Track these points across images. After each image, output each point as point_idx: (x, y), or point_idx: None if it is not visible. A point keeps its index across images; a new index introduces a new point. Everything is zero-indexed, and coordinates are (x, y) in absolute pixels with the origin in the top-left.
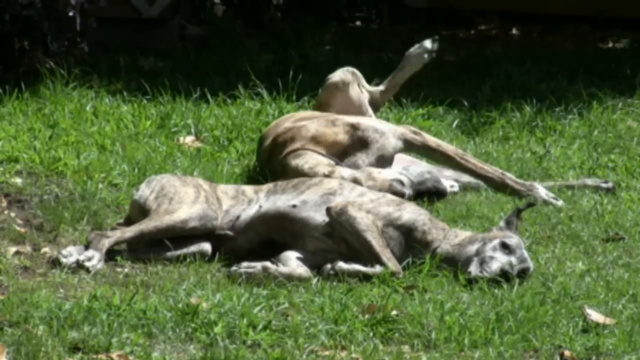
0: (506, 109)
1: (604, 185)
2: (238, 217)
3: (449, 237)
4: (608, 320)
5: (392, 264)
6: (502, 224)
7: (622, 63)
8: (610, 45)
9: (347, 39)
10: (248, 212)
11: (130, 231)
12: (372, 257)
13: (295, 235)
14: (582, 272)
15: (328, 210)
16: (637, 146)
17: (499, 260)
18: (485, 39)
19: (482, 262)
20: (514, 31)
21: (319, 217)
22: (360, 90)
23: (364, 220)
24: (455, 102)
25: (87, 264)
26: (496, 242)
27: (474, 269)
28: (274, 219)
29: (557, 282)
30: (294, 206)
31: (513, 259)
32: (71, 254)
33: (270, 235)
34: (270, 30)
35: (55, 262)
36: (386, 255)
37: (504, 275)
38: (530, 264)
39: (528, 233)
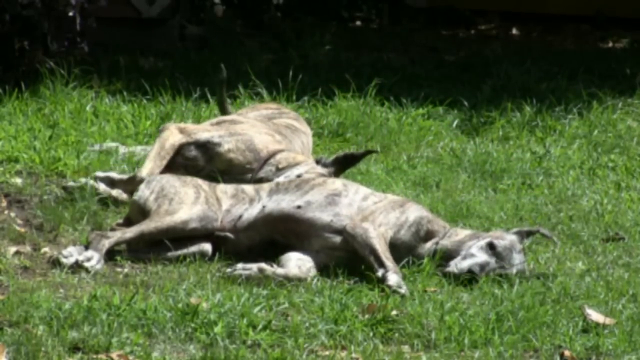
0: (506, 108)
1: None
2: (240, 217)
3: (449, 234)
4: (608, 320)
5: (392, 264)
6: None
7: (622, 63)
8: (610, 45)
9: (347, 39)
10: (251, 212)
11: (130, 232)
12: (374, 259)
13: (300, 235)
14: (582, 272)
15: (344, 228)
16: (637, 146)
17: (474, 259)
18: (485, 38)
19: (463, 258)
20: (514, 31)
21: (325, 217)
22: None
23: (375, 231)
24: (455, 102)
25: (86, 264)
26: (485, 241)
27: (452, 263)
28: (279, 221)
29: (557, 282)
30: (299, 207)
31: (492, 261)
32: (71, 254)
33: (273, 236)
34: (270, 30)
35: (55, 262)
36: (387, 255)
37: (473, 273)
38: (514, 269)
39: None
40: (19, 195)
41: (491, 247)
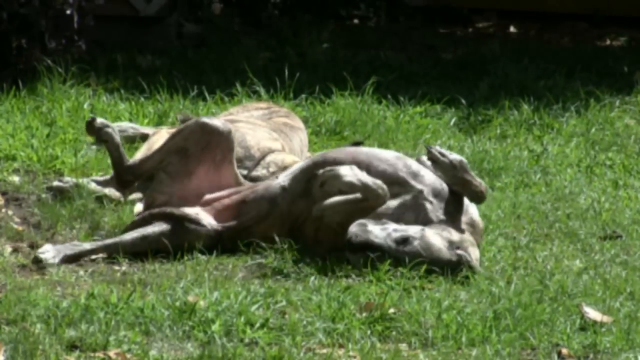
0: (504, 107)
1: None
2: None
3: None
4: (605, 318)
5: None
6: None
7: (620, 61)
8: (608, 43)
9: (344, 37)
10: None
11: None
12: None
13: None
14: (580, 270)
15: None
16: (635, 144)
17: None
18: (483, 37)
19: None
20: (512, 29)
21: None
22: None
23: None
24: (452, 100)
25: (42, 256)
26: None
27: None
28: (306, 170)
29: (554, 280)
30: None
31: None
32: (47, 250)
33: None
34: (268, 28)
35: (36, 261)
36: None
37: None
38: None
39: (525, 231)
40: (16, 193)
41: (403, 241)
